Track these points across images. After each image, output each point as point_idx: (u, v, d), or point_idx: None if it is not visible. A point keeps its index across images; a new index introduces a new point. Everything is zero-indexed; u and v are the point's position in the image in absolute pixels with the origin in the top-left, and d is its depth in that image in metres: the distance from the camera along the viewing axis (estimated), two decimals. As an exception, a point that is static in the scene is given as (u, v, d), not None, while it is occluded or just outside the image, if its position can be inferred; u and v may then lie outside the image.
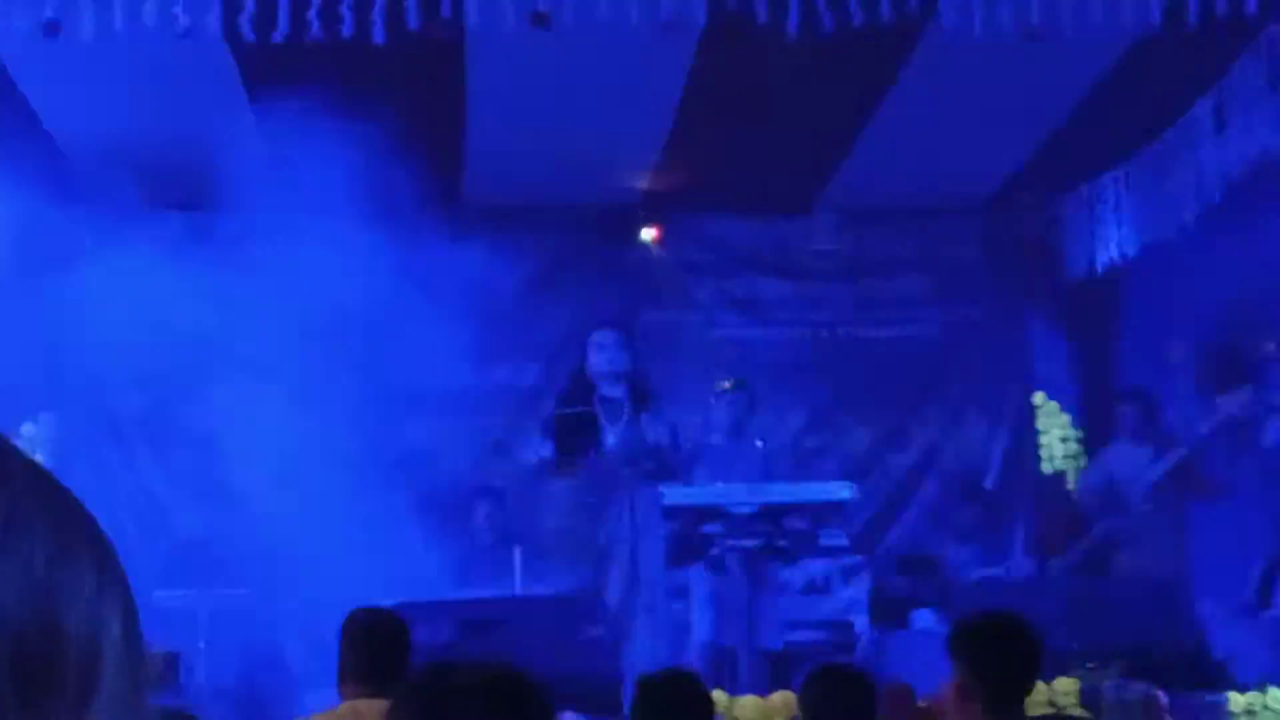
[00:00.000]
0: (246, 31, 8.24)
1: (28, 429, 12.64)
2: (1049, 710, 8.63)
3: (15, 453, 1.07)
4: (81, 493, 1.20)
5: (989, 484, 13.70)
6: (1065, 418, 13.85)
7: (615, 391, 10.12)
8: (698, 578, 10.56)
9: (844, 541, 11.87)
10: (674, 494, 10.14)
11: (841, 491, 10.38)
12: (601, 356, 10.17)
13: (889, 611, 12.01)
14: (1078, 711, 8.79)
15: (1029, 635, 5.51)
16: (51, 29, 8.21)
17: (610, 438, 9.97)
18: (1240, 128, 10.59)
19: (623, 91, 10.83)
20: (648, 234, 13.71)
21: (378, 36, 8.21)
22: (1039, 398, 13.99)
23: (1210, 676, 9.19)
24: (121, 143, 11.02)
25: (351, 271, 12.29)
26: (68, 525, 1.08)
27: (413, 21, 8.20)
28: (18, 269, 11.92)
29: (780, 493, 10.38)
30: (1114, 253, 12.80)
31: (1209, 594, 11.51)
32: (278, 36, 8.24)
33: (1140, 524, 12.04)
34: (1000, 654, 5.44)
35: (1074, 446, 13.71)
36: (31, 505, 1.05)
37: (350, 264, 12.23)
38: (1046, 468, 13.76)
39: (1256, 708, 9.26)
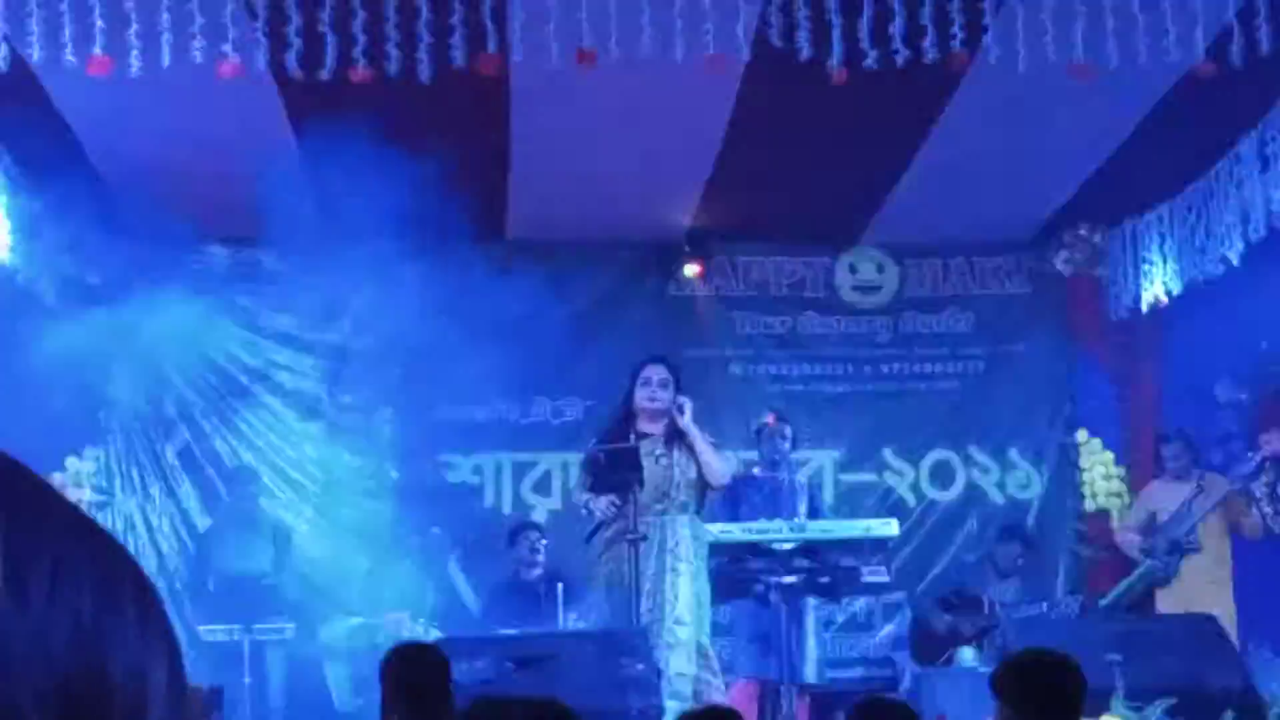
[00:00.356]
0: (293, 69, 8.28)
1: (72, 463, 12.69)
2: (1093, 749, 8.58)
3: (62, 501, 1.09)
4: (125, 527, 1.22)
5: (1031, 522, 13.66)
6: (1108, 455, 13.80)
7: (654, 428, 10.12)
8: (740, 612, 10.54)
9: (886, 578, 11.83)
10: (716, 530, 10.13)
11: (884, 528, 10.34)
12: (645, 392, 10.16)
13: (931, 649, 11.97)
14: (1122, 750, 8.74)
15: (1072, 673, 5.50)
16: (100, 65, 8.26)
17: (644, 472, 9.97)
18: (1284, 165, 10.57)
19: (666, 128, 10.84)
20: (691, 270, 13.72)
21: (423, 75, 8.24)
22: (1082, 435, 13.95)
23: (1257, 716, 9.12)
24: (167, 177, 11.06)
25: (394, 306, 12.33)
26: (113, 572, 1.09)
27: (458, 59, 8.23)
28: (63, 302, 11.98)
29: (823, 529, 10.35)
30: (1158, 290, 12.77)
31: (1256, 633, 11.45)
32: (324, 74, 8.28)
33: (1185, 563, 11.99)
34: (1044, 691, 5.43)
35: (1117, 484, 13.66)
36: (79, 553, 1.06)
37: (393, 299, 12.27)
38: (1089, 506, 13.71)
39: (1301, 747, 9.20)
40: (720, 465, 10.21)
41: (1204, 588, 11.76)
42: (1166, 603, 11.88)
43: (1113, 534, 13.14)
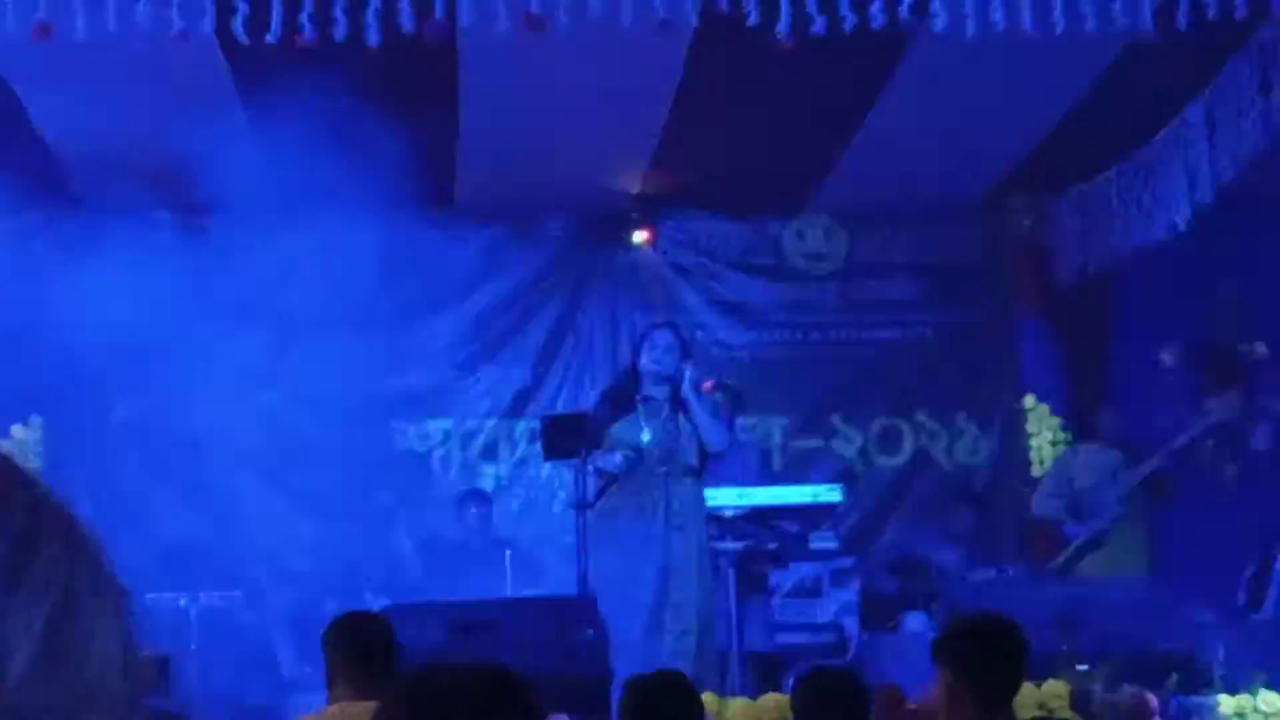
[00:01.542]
0: (240, 33, 8.23)
1: (17, 431, 12.63)
2: (1039, 713, 8.63)
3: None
4: (70, 495, 1.21)
5: (979, 487, 13.70)
6: (1056, 420, 13.83)
7: (658, 392, 10.10)
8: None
9: (834, 544, 11.87)
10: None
11: (831, 494, 10.39)
12: (651, 355, 10.14)
13: (880, 614, 12.01)
14: (1067, 714, 8.79)
15: (1015, 636, 5.52)
16: (44, 30, 8.20)
17: (647, 434, 9.95)
18: (1231, 130, 10.60)
19: (615, 94, 10.82)
20: (639, 236, 13.70)
21: (371, 39, 8.21)
22: (1029, 400, 13.99)
23: (1200, 679, 9.18)
24: (112, 144, 11.00)
25: (341, 273, 12.29)
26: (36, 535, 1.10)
27: (406, 24, 8.20)
28: (7, 270, 11.90)
29: (770, 495, 10.38)
30: (1105, 255, 12.80)
31: (1199, 597, 11.51)
32: (270, 39, 8.23)
33: (1112, 530, 12.08)
34: (987, 655, 5.44)
35: (1064, 449, 13.71)
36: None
37: (340, 265, 12.23)
38: (1037, 471, 13.75)
39: (1246, 710, 9.25)
40: (717, 434, 10.19)
41: (1123, 554, 11.88)
42: (1089, 569, 11.98)
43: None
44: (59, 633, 1.08)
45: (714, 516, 10.07)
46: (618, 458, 9.91)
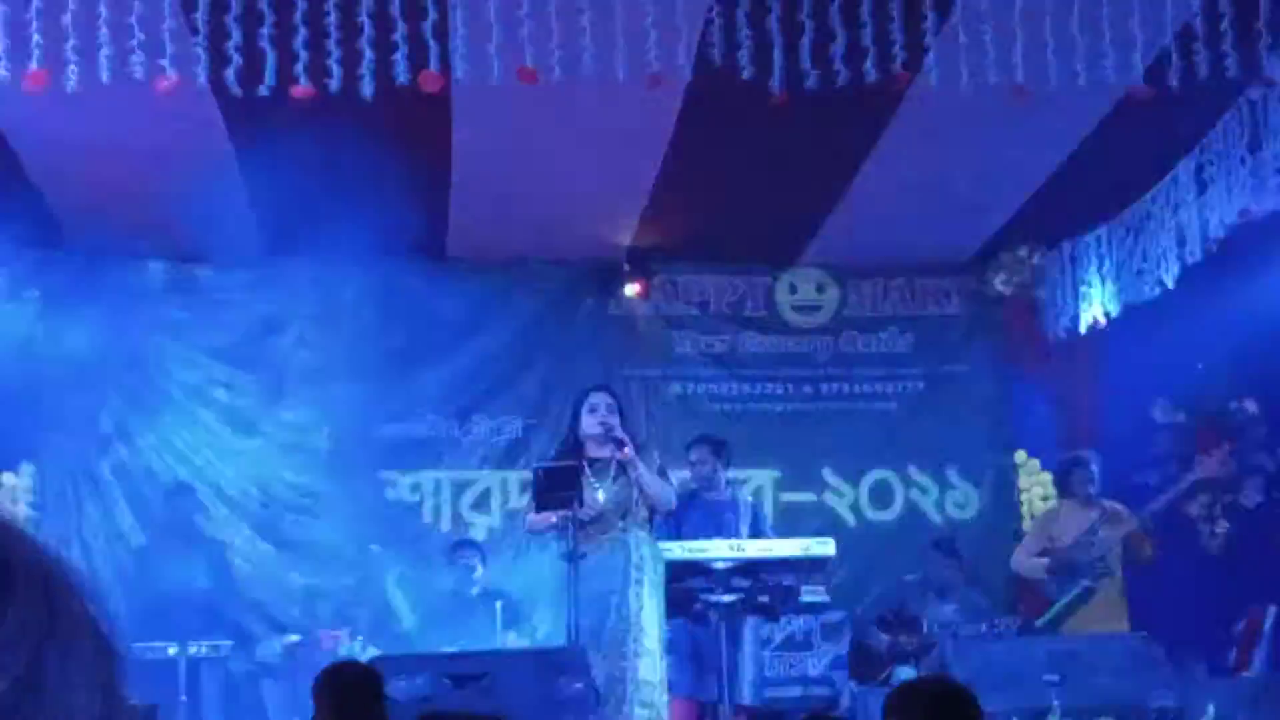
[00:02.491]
0: (233, 85, 8.25)
1: (8, 479, 12.60)
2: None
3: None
4: (59, 543, 1.22)
5: (970, 541, 13.69)
6: (1046, 476, 13.83)
7: (603, 452, 10.11)
8: (678, 631, 10.54)
9: (825, 598, 11.86)
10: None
11: (823, 547, 10.36)
12: (593, 418, 10.15)
13: (870, 668, 12.01)
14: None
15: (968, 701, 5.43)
16: (37, 80, 8.21)
17: (602, 494, 9.96)
18: (1221, 189, 10.64)
19: (608, 146, 10.85)
20: (631, 289, 13.72)
21: (365, 91, 8.22)
22: (1020, 456, 14.01)
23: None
24: (105, 193, 11.02)
25: (333, 323, 12.30)
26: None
27: (401, 76, 8.22)
28: (0, 320, 11.91)
29: (761, 548, 10.37)
30: (1096, 312, 12.82)
31: (1190, 653, 11.51)
32: (264, 90, 8.24)
33: (1097, 588, 12.07)
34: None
35: (1054, 504, 13.70)
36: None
37: (332, 316, 12.24)
38: (1027, 526, 13.74)
39: (1236, 767, 9.25)
40: (664, 494, 10.20)
41: (1102, 612, 11.87)
42: (1068, 627, 11.98)
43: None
44: (21, 701, 1.07)
45: (704, 568, 10.06)
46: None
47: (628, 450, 10.01)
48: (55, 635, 1.12)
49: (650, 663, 9.82)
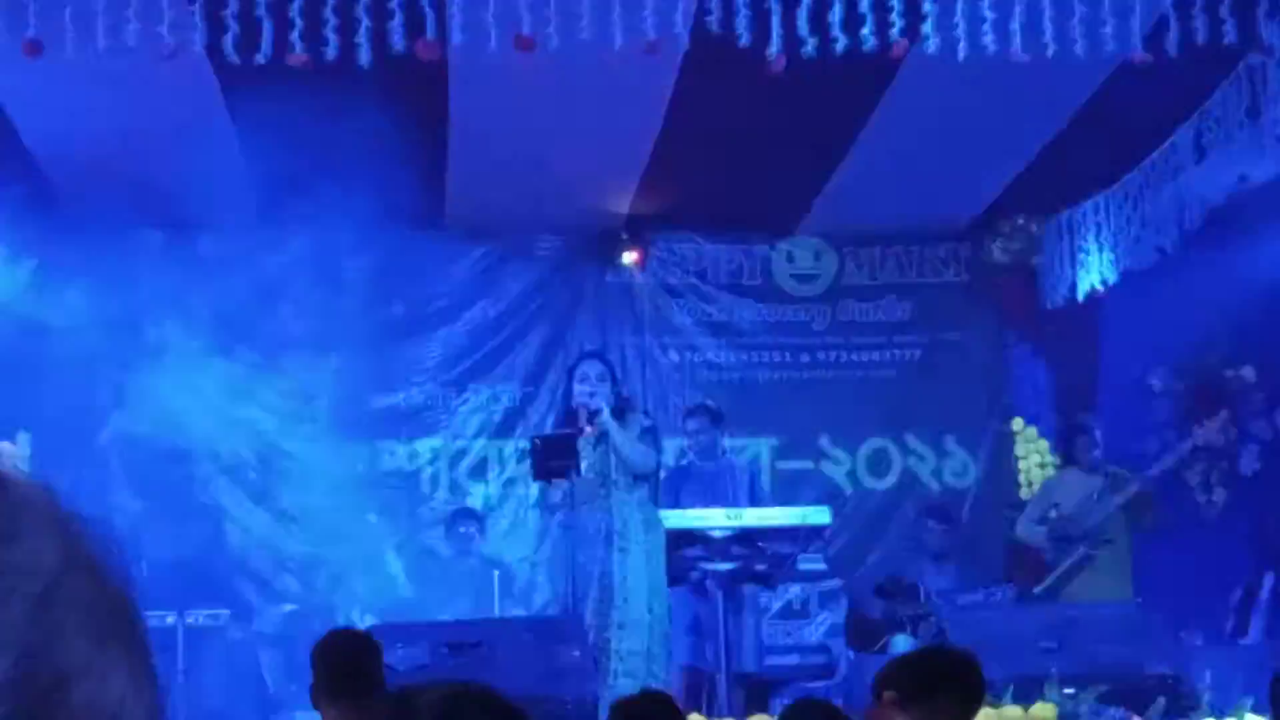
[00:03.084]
0: (230, 53, 8.23)
1: (5, 447, 12.59)
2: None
3: (31, 506, 1.08)
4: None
5: (967, 509, 13.70)
6: (1043, 443, 13.85)
7: (589, 422, 10.12)
8: (676, 601, 10.55)
9: (822, 566, 11.88)
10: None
11: (820, 516, 10.36)
12: (583, 388, 10.15)
13: (867, 636, 12.02)
14: (1055, 737, 8.79)
15: (975, 668, 5.43)
16: (33, 48, 8.20)
17: (584, 463, 9.97)
18: (1220, 156, 10.63)
19: (605, 114, 10.83)
20: (629, 257, 13.70)
21: (362, 59, 8.21)
22: (1017, 423, 14.00)
23: (1187, 703, 9.18)
24: (103, 160, 10.99)
25: (330, 291, 12.29)
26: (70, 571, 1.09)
27: (398, 44, 8.20)
28: (-4, 287, 11.91)
29: (758, 517, 10.37)
30: (1094, 279, 12.81)
31: (1186, 621, 11.52)
32: (261, 58, 8.23)
33: (1096, 554, 12.04)
34: (949, 686, 5.35)
35: (1052, 472, 13.70)
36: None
37: (329, 283, 12.23)
38: (1024, 493, 13.75)
39: (1233, 734, 9.26)
40: (641, 458, 10.20)
41: (1104, 579, 11.84)
42: (1073, 594, 11.95)
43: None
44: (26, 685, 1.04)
45: (701, 537, 10.06)
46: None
47: (589, 430, 10.01)
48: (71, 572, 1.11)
49: (637, 633, 9.83)
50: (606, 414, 10.09)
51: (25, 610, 1.03)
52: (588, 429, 9.99)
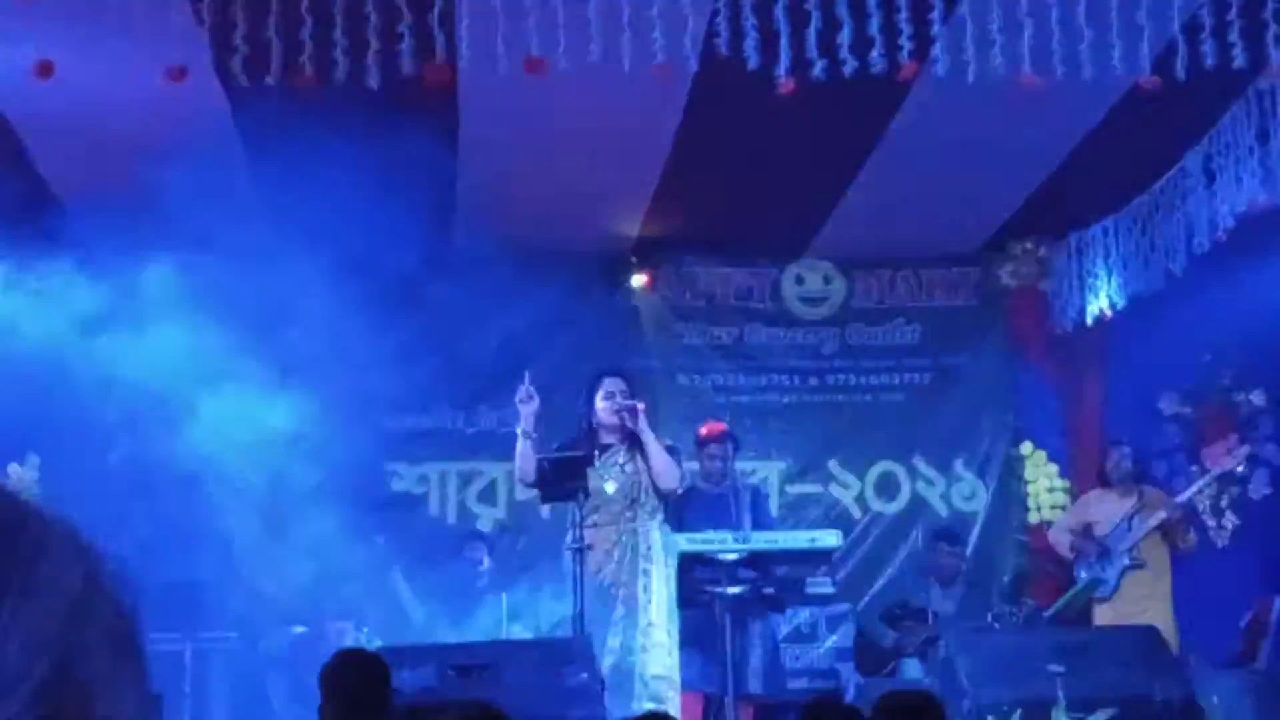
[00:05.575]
0: (239, 74, 8.24)
1: (14, 470, 12.60)
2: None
3: (45, 525, 1.11)
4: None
5: (976, 533, 13.68)
6: (1053, 468, 13.84)
7: (615, 438, 10.10)
8: (684, 623, 10.53)
9: (830, 589, 11.86)
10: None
11: (828, 539, 10.35)
12: (609, 404, 10.13)
13: (875, 660, 12.00)
14: (1064, 761, 8.76)
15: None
16: (45, 69, 8.21)
17: (611, 485, 9.95)
18: (1229, 179, 10.62)
19: (615, 137, 10.85)
20: (638, 280, 13.72)
21: (372, 81, 8.22)
22: (1027, 447, 13.99)
23: (1197, 728, 9.16)
24: (111, 183, 11.00)
25: (340, 314, 12.28)
26: (89, 598, 1.13)
27: (406, 66, 8.21)
28: (5, 308, 11.90)
29: (767, 540, 10.35)
30: (1103, 303, 12.81)
31: (1197, 645, 11.49)
32: (270, 79, 8.24)
33: (1125, 578, 12.00)
34: None
35: (1061, 497, 13.69)
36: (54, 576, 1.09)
37: (339, 307, 12.22)
38: (1033, 518, 13.74)
39: (1242, 759, 9.24)
40: (670, 470, 10.18)
41: (1143, 602, 11.78)
42: (1107, 617, 11.89)
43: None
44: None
45: (711, 560, 10.05)
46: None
47: (642, 409, 9.98)
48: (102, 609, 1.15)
49: (660, 656, 9.82)
50: (642, 421, 10.03)
51: (59, 621, 1.09)
52: (641, 409, 9.95)
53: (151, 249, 12.58)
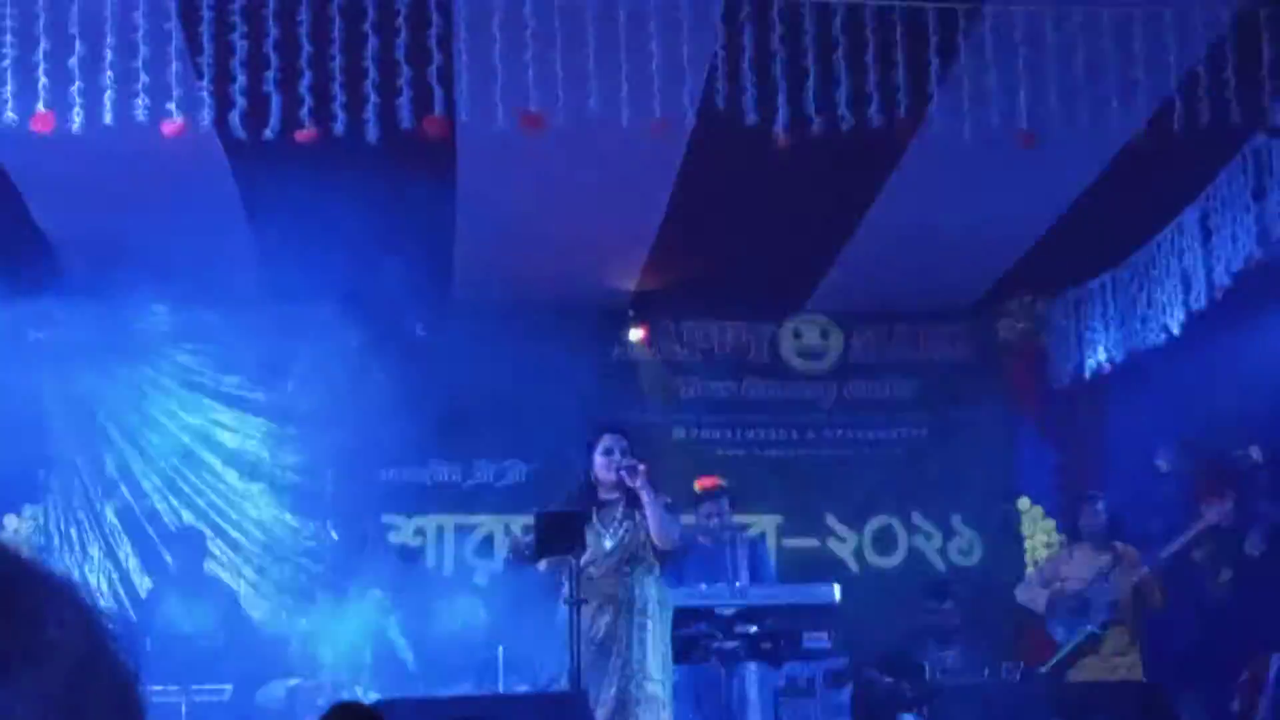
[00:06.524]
0: (238, 128, 8.26)
1: (11, 521, 12.60)
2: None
3: (51, 589, 1.13)
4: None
5: (973, 588, 13.66)
6: (1050, 523, 13.83)
7: (613, 494, 10.07)
8: (682, 677, 10.50)
9: (827, 644, 11.82)
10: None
11: (826, 593, 10.34)
12: (607, 460, 10.08)
13: (873, 714, 11.96)
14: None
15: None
16: (43, 123, 8.23)
17: (609, 541, 9.92)
18: (1226, 236, 10.63)
19: (612, 192, 10.86)
20: (635, 334, 13.73)
21: (370, 135, 8.23)
22: (1024, 502, 13.99)
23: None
24: (110, 235, 11.02)
25: (337, 366, 12.30)
26: (91, 660, 1.14)
27: (405, 120, 8.23)
28: (2, 360, 11.91)
29: (765, 594, 10.34)
30: (1100, 358, 12.81)
31: (1195, 702, 11.46)
32: (269, 134, 8.26)
33: (1105, 635, 11.99)
34: None
35: (1057, 551, 13.67)
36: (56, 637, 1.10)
37: (336, 359, 12.24)
38: (1030, 573, 13.72)
39: (1240, 815, 9.23)
40: (668, 531, 10.12)
41: (1114, 659, 11.80)
42: (1082, 673, 11.89)
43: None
44: None
45: (708, 614, 10.04)
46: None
47: (643, 469, 9.89)
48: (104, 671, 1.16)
49: (655, 710, 9.79)
50: (640, 480, 9.96)
51: (63, 684, 1.11)
52: (641, 468, 9.88)
53: (150, 301, 12.61)
